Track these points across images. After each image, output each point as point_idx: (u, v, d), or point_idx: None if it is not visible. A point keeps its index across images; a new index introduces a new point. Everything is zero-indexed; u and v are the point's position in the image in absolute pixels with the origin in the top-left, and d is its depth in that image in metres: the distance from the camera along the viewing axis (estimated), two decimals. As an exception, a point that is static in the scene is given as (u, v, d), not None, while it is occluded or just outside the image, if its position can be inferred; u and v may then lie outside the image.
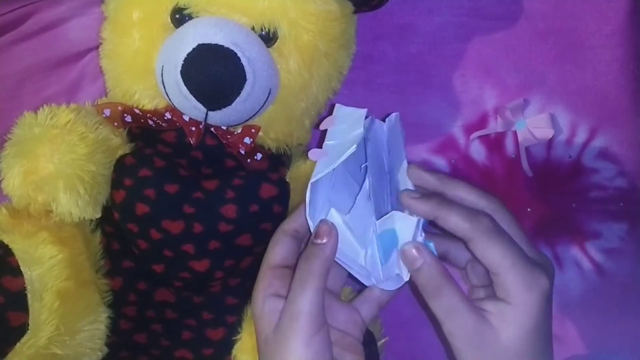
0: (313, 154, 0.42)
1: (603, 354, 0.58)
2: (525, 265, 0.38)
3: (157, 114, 0.50)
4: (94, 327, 0.48)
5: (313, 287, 0.39)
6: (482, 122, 0.60)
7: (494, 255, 0.38)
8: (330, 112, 0.46)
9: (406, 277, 0.41)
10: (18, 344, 0.43)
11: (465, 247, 0.41)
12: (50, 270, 0.45)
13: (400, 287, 0.42)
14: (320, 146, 0.43)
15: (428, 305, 0.40)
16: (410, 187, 0.44)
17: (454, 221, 0.39)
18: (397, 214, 0.41)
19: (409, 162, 0.45)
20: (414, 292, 0.56)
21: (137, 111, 0.49)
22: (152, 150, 0.49)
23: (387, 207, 0.43)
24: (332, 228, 0.40)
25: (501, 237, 0.39)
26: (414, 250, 0.39)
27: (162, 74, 0.47)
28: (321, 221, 0.40)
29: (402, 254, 0.40)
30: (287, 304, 0.39)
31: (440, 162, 0.61)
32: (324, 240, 0.40)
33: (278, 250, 0.42)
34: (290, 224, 0.43)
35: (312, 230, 0.41)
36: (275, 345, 0.39)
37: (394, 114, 0.47)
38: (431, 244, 0.41)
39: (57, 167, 0.44)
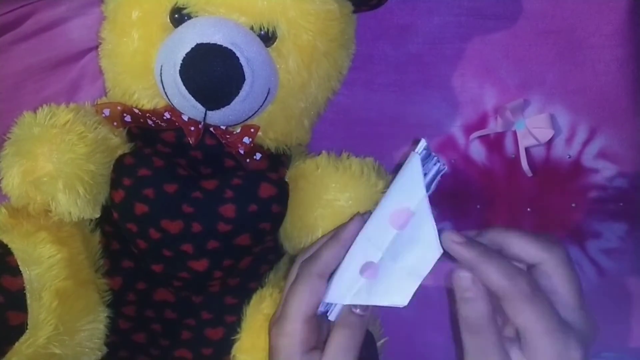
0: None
1: (603, 354, 0.58)
2: (557, 334, 0.37)
3: (156, 113, 0.50)
4: (93, 327, 0.48)
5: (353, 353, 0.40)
6: (481, 122, 0.60)
7: (526, 319, 0.37)
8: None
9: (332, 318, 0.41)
10: (17, 344, 0.43)
11: None
12: (49, 270, 0.45)
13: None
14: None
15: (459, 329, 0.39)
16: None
17: (492, 277, 0.37)
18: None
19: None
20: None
21: (136, 111, 0.50)
22: (151, 149, 0.49)
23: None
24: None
25: (537, 301, 0.37)
26: (468, 280, 0.38)
27: (161, 73, 0.47)
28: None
29: (455, 279, 0.38)
30: None
31: (440, 162, 0.61)
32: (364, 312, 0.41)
33: (315, 300, 0.41)
34: (319, 267, 0.42)
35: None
36: None
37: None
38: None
39: (56, 166, 0.44)
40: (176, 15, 0.47)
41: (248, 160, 0.51)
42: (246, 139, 0.50)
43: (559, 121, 0.59)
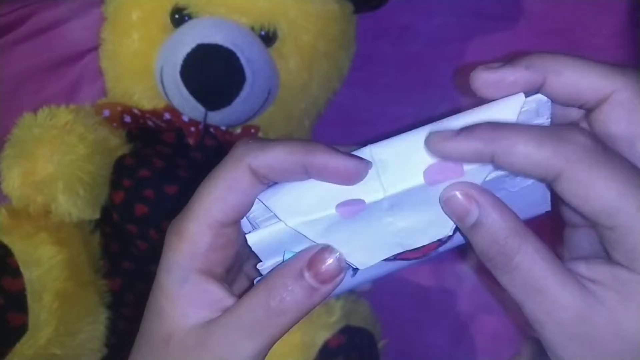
0: None
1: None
2: None
3: (156, 114, 0.50)
4: (93, 328, 0.47)
5: (269, 338, 0.26)
6: (482, 122, 0.60)
7: (606, 193, 0.22)
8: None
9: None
10: (17, 345, 0.43)
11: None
12: (49, 271, 0.45)
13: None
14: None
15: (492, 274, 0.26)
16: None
17: (522, 153, 0.23)
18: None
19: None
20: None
21: (136, 112, 0.49)
22: (152, 150, 0.49)
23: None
24: (341, 271, 0.26)
25: (615, 165, 0.23)
26: (459, 198, 0.25)
27: (161, 74, 0.47)
28: (326, 250, 0.26)
29: (445, 204, 0.25)
30: (222, 342, 0.26)
31: (440, 162, 0.60)
32: (322, 287, 0.26)
33: (231, 199, 0.26)
34: (257, 158, 0.25)
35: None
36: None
37: None
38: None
39: (56, 167, 0.44)
40: (176, 16, 0.47)
41: (248, 161, 0.50)
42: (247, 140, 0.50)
43: (559, 121, 0.59)
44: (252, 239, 0.26)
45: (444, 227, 0.26)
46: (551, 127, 0.25)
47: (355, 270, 0.28)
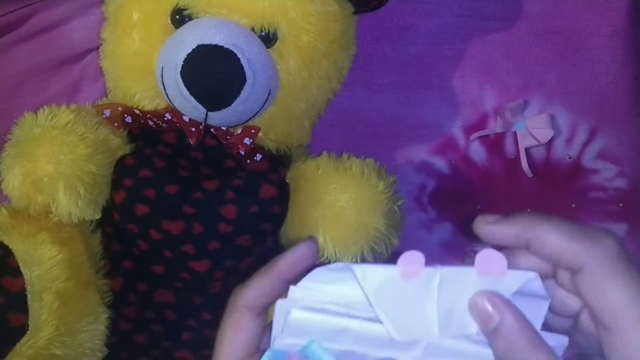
0: None
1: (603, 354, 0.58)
2: None
3: (157, 114, 0.50)
4: (94, 328, 0.48)
5: None
6: (482, 122, 0.60)
7: (614, 299, 0.25)
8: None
9: None
10: (18, 345, 0.43)
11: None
12: (49, 271, 0.45)
13: None
14: None
15: None
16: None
17: (554, 243, 0.26)
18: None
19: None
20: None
21: (137, 112, 0.49)
22: (152, 150, 0.49)
23: None
24: None
25: (631, 275, 0.26)
26: (485, 302, 0.27)
27: (162, 74, 0.47)
28: None
29: (471, 308, 0.27)
30: None
31: (440, 162, 0.61)
32: None
33: (242, 336, 0.30)
34: (245, 298, 0.30)
35: None
36: None
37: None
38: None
39: (57, 167, 0.44)
40: (177, 17, 0.47)
41: (249, 161, 0.51)
42: (247, 140, 0.50)
43: (559, 122, 0.59)
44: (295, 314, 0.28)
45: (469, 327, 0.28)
46: (584, 225, 0.27)
47: None
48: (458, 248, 0.60)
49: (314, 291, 0.28)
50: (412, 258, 0.27)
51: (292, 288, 0.29)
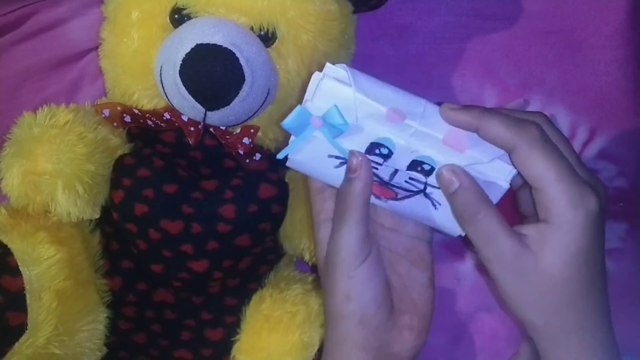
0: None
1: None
2: (572, 180, 0.35)
3: (156, 114, 0.50)
4: (93, 327, 0.48)
5: (351, 221, 0.38)
6: (481, 122, 0.60)
7: (538, 165, 0.35)
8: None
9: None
10: (17, 344, 0.43)
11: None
12: (48, 270, 0.45)
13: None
14: None
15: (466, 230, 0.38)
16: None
17: (496, 130, 0.35)
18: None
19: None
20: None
21: (136, 111, 0.50)
22: (151, 150, 0.49)
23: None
24: (363, 160, 0.38)
25: (548, 148, 0.35)
26: (448, 173, 0.37)
27: (160, 74, 0.47)
28: (350, 153, 0.38)
29: (438, 177, 0.37)
30: (330, 238, 0.40)
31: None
32: (356, 174, 0.38)
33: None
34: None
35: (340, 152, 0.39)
36: (324, 277, 0.41)
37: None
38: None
39: (55, 167, 0.44)
40: (176, 16, 0.47)
41: (248, 160, 0.51)
42: (246, 140, 0.50)
43: (559, 121, 0.59)
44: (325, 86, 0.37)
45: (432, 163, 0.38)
46: (517, 117, 0.36)
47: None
48: (458, 247, 0.60)
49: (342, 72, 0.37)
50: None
51: (327, 64, 0.37)
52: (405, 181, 0.39)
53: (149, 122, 0.49)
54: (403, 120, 0.37)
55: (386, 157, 0.38)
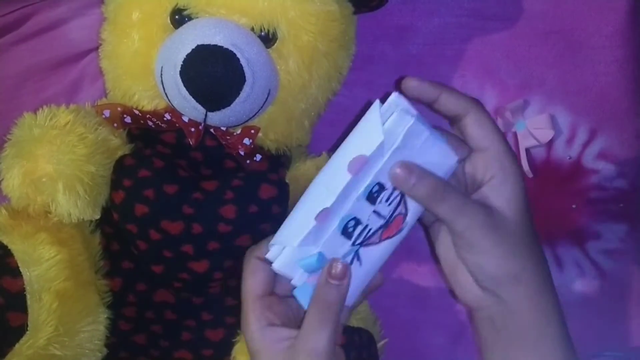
0: None
1: (603, 354, 0.58)
2: (509, 147, 0.41)
3: (156, 114, 0.50)
4: (93, 328, 0.48)
5: (331, 325, 0.39)
6: (482, 122, 0.60)
7: (487, 126, 0.41)
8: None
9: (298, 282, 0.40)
10: (17, 345, 0.43)
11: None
12: (49, 271, 0.45)
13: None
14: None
15: (434, 212, 0.40)
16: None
17: (455, 97, 0.42)
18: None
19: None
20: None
21: (136, 112, 0.49)
22: (152, 151, 0.49)
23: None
24: (347, 268, 0.40)
25: (490, 117, 0.42)
26: (402, 169, 0.39)
27: (161, 74, 0.47)
28: (334, 260, 0.40)
29: (393, 178, 0.39)
30: (303, 341, 0.39)
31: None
32: (341, 282, 0.40)
33: (258, 279, 0.42)
34: (262, 251, 0.42)
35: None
36: None
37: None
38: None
39: (56, 168, 0.44)
40: (177, 17, 0.47)
41: (248, 161, 0.51)
42: (246, 140, 0.50)
43: (559, 122, 0.59)
44: (276, 266, 0.40)
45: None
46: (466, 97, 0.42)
47: (359, 258, 0.41)
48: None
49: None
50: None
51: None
52: (388, 205, 0.40)
53: (150, 123, 0.49)
54: (328, 212, 0.39)
55: (358, 221, 0.40)
